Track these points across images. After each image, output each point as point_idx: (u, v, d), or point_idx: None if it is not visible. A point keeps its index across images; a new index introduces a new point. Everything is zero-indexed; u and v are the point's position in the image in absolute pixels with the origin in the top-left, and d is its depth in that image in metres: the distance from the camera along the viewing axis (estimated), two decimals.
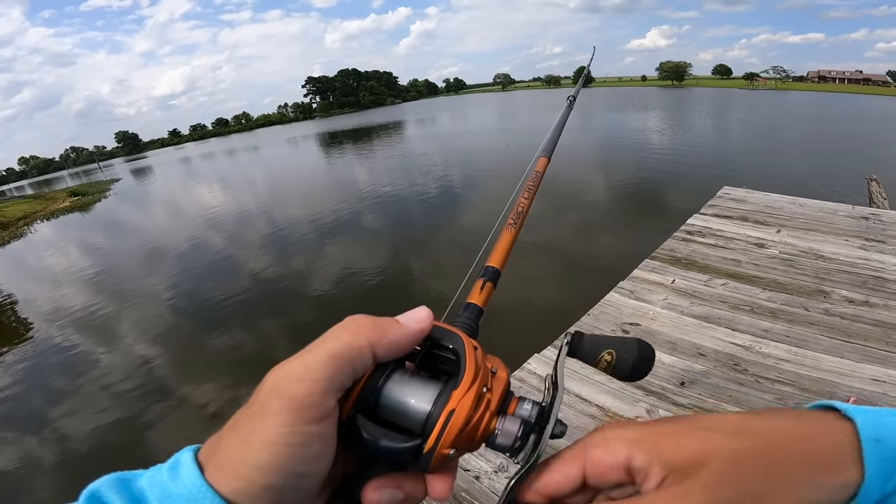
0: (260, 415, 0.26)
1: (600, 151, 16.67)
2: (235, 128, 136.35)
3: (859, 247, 3.82)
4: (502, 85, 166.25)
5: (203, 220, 13.67)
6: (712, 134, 21.16)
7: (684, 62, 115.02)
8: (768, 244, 3.98)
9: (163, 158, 61.80)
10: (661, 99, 52.08)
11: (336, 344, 0.28)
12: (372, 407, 0.29)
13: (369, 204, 12.27)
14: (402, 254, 8.15)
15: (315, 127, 70.37)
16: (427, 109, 77.72)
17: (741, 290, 3.26)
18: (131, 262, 10.53)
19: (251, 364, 5.09)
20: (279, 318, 6.15)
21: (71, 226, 19.40)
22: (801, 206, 4.94)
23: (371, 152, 26.01)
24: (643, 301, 3.18)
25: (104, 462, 3.84)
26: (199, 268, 8.99)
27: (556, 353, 0.33)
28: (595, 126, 28.12)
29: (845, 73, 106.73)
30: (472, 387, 0.29)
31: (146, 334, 6.31)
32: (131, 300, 7.81)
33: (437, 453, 0.28)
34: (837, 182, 9.76)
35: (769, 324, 2.86)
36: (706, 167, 12.47)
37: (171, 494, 0.25)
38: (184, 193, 23.04)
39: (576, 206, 9.34)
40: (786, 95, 57.59)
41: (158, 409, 4.51)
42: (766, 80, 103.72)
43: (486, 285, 0.43)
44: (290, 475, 0.26)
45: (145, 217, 18.30)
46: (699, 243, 4.08)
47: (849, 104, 39.00)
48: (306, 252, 8.93)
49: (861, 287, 3.21)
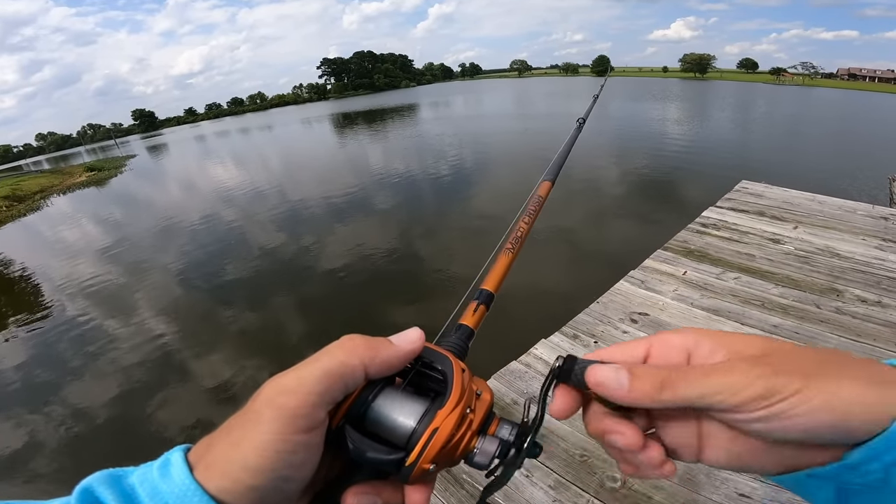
0: (253, 422, 0.28)
1: (616, 140, 16.43)
2: (250, 107, 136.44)
3: (876, 247, 3.77)
4: (519, 71, 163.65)
5: (217, 197, 13.76)
6: (731, 127, 20.68)
7: (708, 54, 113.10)
8: (784, 240, 3.94)
9: (178, 136, 62.01)
10: (683, 90, 50.86)
11: (330, 361, 0.30)
12: (360, 419, 0.31)
13: (381, 184, 12.24)
14: (412, 234, 8.15)
15: (329, 108, 70.01)
16: (442, 93, 76.96)
17: (753, 284, 3.24)
18: (146, 237, 10.65)
19: (261, 339, 5.19)
20: (291, 295, 6.22)
21: (86, 200, 19.61)
22: (819, 203, 4.86)
23: (384, 134, 25.93)
24: (653, 291, 3.18)
25: (113, 437, 3.95)
26: (213, 244, 9.08)
27: (545, 378, 0.33)
28: (613, 115, 27.65)
29: (877, 72, 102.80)
30: (456, 407, 0.31)
31: (158, 307, 6.42)
32: (145, 273, 7.93)
33: (417, 467, 0.29)
34: (858, 180, 9.52)
35: (779, 319, 2.85)
36: (723, 160, 12.24)
37: (161, 492, 0.26)
38: (198, 170, 23.16)
39: (589, 193, 9.24)
40: (812, 91, 55.85)
41: (168, 383, 4.60)
42: (794, 75, 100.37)
43: (479, 308, 0.44)
44: (275, 478, 0.27)
45: (161, 192, 18.46)
46: (713, 236, 4.05)
47: (876, 103, 37.73)
48: (318, 230, 8.96)
49: (875, 287, 3.18)
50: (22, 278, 9.24)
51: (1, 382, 5.17)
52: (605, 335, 2.72)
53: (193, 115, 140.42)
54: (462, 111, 39.26)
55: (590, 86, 66.09)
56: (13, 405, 4.67)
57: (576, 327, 2.81)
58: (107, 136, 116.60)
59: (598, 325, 2.81)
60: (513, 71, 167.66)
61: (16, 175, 36.52)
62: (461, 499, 1.80)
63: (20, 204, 20.24)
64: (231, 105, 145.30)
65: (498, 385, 2.35)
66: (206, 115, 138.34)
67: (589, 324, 2.84)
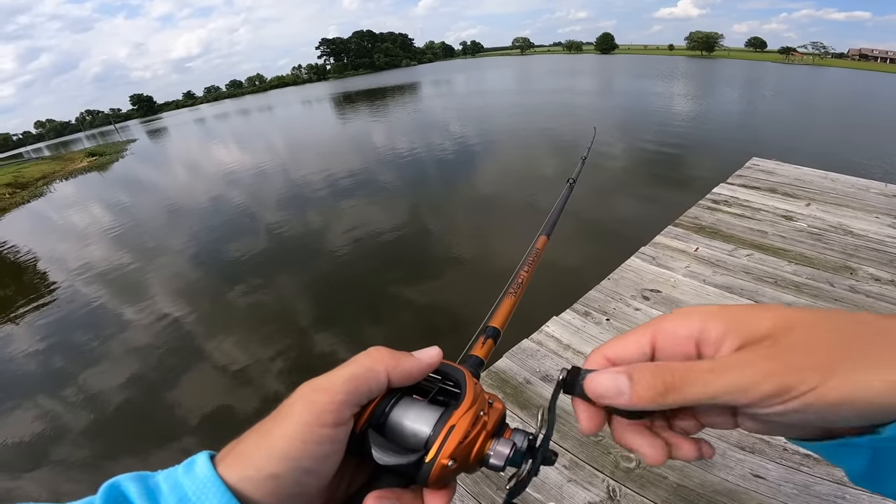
0: (285, 415, 0.30)
1: (623, 116, 16.22)
2: (249, 89, 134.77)
3: (889, 224, 3.71)
4: (521, 49, 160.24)
5: (220, 178, 13.67)
6: (737, 104, 20.28)
7: (715, 32, 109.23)
8: (797, 217, 3.89)
9: (178, 119, 61.50)
10: (689, 68, 49.80)
11: (357, 367, 0.33)
12: (381, 426, 0.33)
13: (383, 163, 12.20)
14: (417, 213, 8.13)
15: (329, 88, 69.04)
16: (442, 71, 75.74)
17: (766, 261, 3.21)
18: (151, 220, 10.65)
19: (272, 320, 5.23)
20: (301, 274, 6.27)
21: (89, 185, 19.53)
22: (832, 180, 4.78)
23: (385, 113, 25.63)
24: (664, 268, 3.16)
25: (127, 421, 3.97)
26: (220, 226, 9.07)
27: (553, 389, 0.34)
28: (618, 90, 27.20)
29: (889, 53, 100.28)
30: (470, 408, 0.33)
31: (166, 290, 6.46)
32: (152, 256, 7.96)
33: (437, 463, 0.31)
34: (869, 158, 9.36)
35: (793, 297, 2.83)
36: (729, 136, 12.06)
37: (181, 484, 0.28)
38: (201, 152, 22.99)
39: (595, 169, 9.15)
40: (821, 71, 54.56)
41: (180, 366, 4.63)
42: (804, 55, 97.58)
43: (486, 342, 0.49)
44: (298, 468, 0.29)
45: (164, 175, 18.40)
46: (725, 212, 4.00)
47: (885, 83, 36.96)
48: (322, 209, 8.96)
49: (888, 265, 3.14)
50: (28, 263, 9.28)
51: (15, 367, 5.22)
52: (618, 312, 2.71)
53: (192, 98, 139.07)
54: (464, 88, 38.72)
55: (595, 64, 64.97)
56: (26, 390, 4.71)
57: (587, 304, 2.79)
58: (106, 121, 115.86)
59: (610, 303, 2.80)
60: (515, 49, 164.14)
61: (17, 162, 36.40)
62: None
63: (23, 191, 20.19)
64: (230, 87, 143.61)
65: (510, 364, 2.34)
66: (205, 98, 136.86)
67: (601, 300, 2.82)
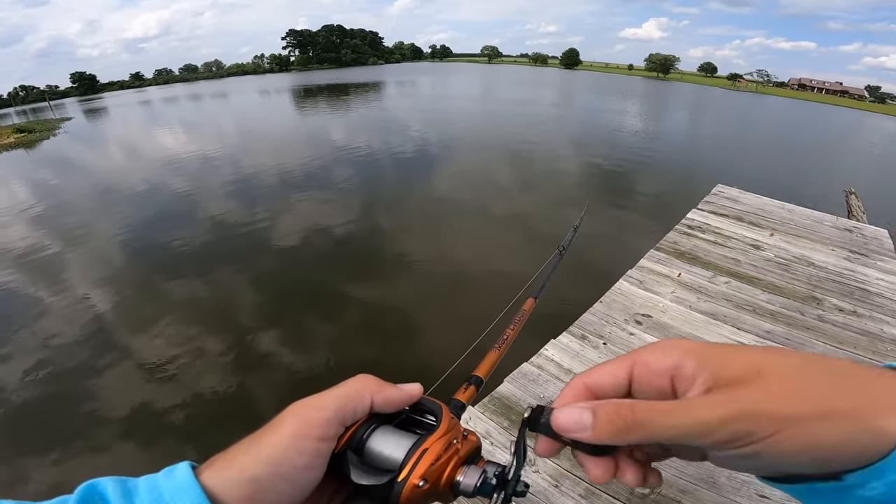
0: (275, 427, 0.32)
1: (580, 132, 16.81)
2: (205, 75, 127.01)
3: (845, 258, 4.03)
4: (489, 57, 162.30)
5: (162, 164, 12.75)
6: (686, 129, 21.59)
7: (673, 56, 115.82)
8: (764, 246, 4.13)
9: (120, 100, 56.53)
10: (645, 88, 52.60)
11: (347, 389, 0.36)
12: (360, 448, 0.35)
13: (339, 159, 11.93)
14: (370, 212, 7.95)
15: (290, 80, 66.46)
16: (408, 72, 75.42)
17: (743, 289, 3.37)
18: (79, 202, 9.75)
19: (208, 312, 4.92)
20: (239, 266, 5.90)
21: (14, 162, 17.63)
22: (789, 211, 5.14)
23: (346, 109, 25.11)
24: (652, 292, 3.24)
25: (41, 418, 3.61)
26: (157, 213, 8.41)
27: (519, 427, 0.36)
28: (580, 105, 28.22)
29: (825, 83, 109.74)
30: (444, 435, 0.35)
31: (91, 278, 5.85)
32: (81, 240, 7.28)
33: (409, 483, 0.32)
34: (810, 186, 10.22)
35: (770, 325, 2.98)
36: (675, 162, 12.69)
37: (159, 486, 0.29)
38: (141, 135, 21.37)
39: (549, 183, 9.41)
40: (763, 99, 59.31)
41: (103, 359, 4.21)
42: (749, 82, 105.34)
43: (469, 388, 0.53)
44: (277, 474, 0.30)
45: (97, 157, 16.86)
46: (700, 238, 4.18)
47: (812, 113, 40.77)
48: (271, 202, 8.52)
49: (849, 297, 3.39)
50: None
51: None
52: (613, 336, 2.73)
53: (140, 80, 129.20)
54: (429, 91, 38.72)
55: (558, 78, 67.04)
56: None
57: (583, 328, 2.80)
58: (41, 97, 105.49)
59: (605, 326, 2.82)
60: (483, 56, 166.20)
61: None
62: None
63: None
64: (183, 71, 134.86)
65: (513, 389, 2.30)
66: (155, 80, 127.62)
67: (595, 324, 2.84)
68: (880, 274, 3.75)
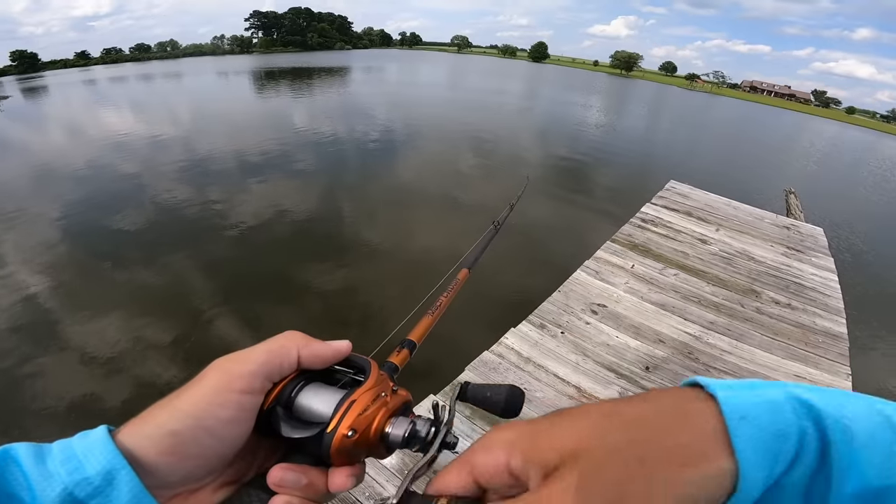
0: (197, 381, 0.32)
1: (543, 124, 17.02)
2: (158, 55, 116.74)
3: (782, 253, 4.31)
4: (458, 47, 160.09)
5: (108, 145, 11.69)
6: (642, 126, 22.37)
7: (636, 54, 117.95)
8: (710, 241, 4.34)
9: (63, 79, 50.56)
10: (605, 85, 53.86)
11: (272, 344, 0.35)
12: (289, 405, 0.35)
13: (301, 144, 11.43)
14: (330, 197, 7.69)
15: (251, 62, 62.22)
16: (376, 59, 73.10)
17: (690, 282, 3.53)
18: (13, 181, 8.88)
19: (158, 301, 4.61)
20: (190, 251, 5.57)
21: None
22: (734, 208, 5.43)
23: (309, 94, 24.10)
24: (608, 283, 3.33)
25: None
26: (100, 196, 7.71)
27: (449, 398, 0.39)
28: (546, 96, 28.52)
29: (774, 87, 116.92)
30: (372, 388, 0.35)
31: (27, 262, 5.39)
32: (14, 221, 6.65)
33: (338, 433, 0.32)
34: (752, 184, 10.87)
35: (713, 316, 3.14)
36: (630, 159, 13.13)
37: (71, 446, 0.28)
38: (85, 115, 19.48)
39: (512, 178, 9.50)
40: (716, 100, 62.25)
41: (42, 351, 3.88)
42: (705, 82, 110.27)
43: (402, 351, 0.52)
44: (198, 426, 0.29)
45: (36, 136, 15.26)
46: (653, 232, 4.34)
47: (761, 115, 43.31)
48: (225, 186, 8.08)
49: (784, 290, 3.63)
50: None
51: None
52: (571, 325, 2.79)
53: (86, 58, 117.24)
54: (395, 77, 37.73)
55: (525, 70, 67.25)
56: None
57: (542, 317, 2.84)
58: None
59: (563, 315, 2.87)
60: (452, 46, 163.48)
61: None
62: None
63: None
64: (134, 51, 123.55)
65: (474, 377, 2.29)
66: (102, 59, 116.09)
67: (554, 313, 2.89)
68: (814, 269, 4.05)
